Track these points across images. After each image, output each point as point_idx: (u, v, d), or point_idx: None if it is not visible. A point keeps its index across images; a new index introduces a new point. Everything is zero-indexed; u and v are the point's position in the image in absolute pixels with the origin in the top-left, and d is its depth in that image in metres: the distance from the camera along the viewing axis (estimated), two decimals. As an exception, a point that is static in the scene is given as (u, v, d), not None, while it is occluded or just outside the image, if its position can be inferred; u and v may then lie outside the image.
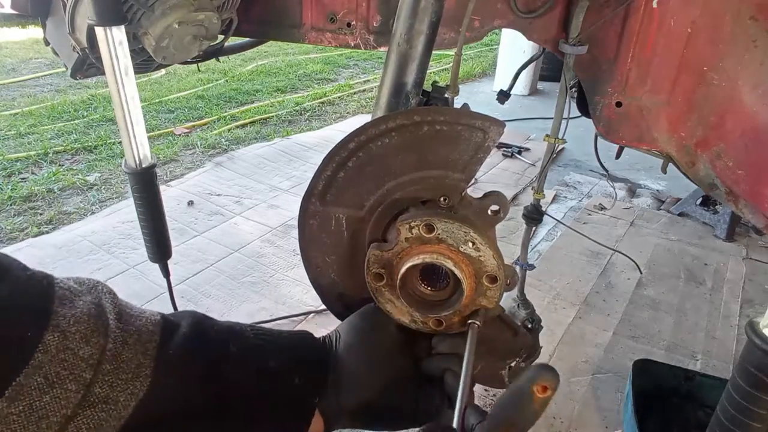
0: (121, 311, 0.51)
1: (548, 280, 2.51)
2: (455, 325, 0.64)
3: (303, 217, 0.66)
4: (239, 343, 0.58)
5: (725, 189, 1.13)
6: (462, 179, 0.61)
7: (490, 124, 0.59)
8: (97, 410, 0.45)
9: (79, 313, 0.47)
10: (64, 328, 0.45)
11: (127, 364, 0.48)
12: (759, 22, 1.03)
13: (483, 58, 6.81)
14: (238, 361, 0.56)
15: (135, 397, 0.48)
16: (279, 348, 0.60)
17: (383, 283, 0.62)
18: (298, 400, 0.59)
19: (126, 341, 0.49)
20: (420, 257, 0.59)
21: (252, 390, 0.56)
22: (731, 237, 2.91)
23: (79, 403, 0.44)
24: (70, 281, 0.51)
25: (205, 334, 0.56)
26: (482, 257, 0.59)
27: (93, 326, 0.47)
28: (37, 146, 3.64)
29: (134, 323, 0.51)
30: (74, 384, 0.44)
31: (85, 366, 0.45)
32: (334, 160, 0.62)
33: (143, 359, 0.49)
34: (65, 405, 0.44)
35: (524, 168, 3.71)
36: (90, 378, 0.45)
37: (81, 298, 0.49)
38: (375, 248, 0.61)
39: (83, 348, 0.45)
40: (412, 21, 0.85)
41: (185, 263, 2.48)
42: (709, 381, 1.70)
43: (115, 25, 1.09)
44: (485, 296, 0.62)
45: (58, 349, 0.44)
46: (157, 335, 0.52)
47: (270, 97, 5.02)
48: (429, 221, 0.58)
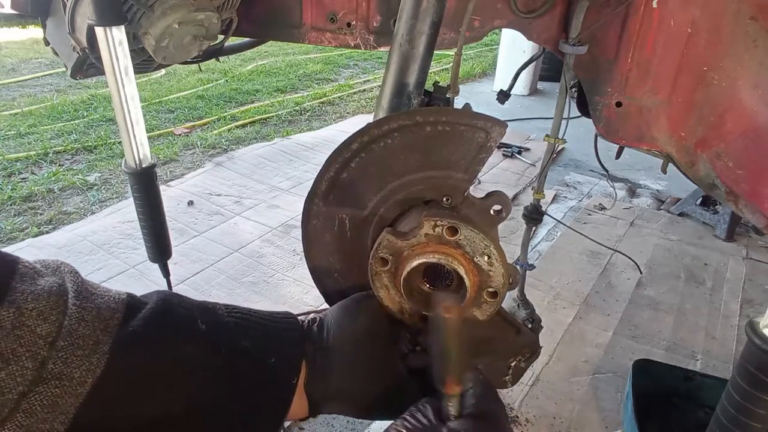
0: (81, 290, 0.50)
1: (548, 280, 2.51)
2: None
3: (306, 218, 0.66)
4: (209, 321, 0.56)
5: (725, 189, 1.13)
6: (465, 179, 0.61)
7: (492, 125, 0.59)
8: (50, 386, 0.44)
9: (39, 290, 0.46)
10: (20, 304, 0.44)
11: (84, 341, 0.47)
12: (759, 22, 1.03)
13: (483, 58, 6.81)
14: (206, 339, 0.54)
15: (92, 373, 0.47)
16: (253, 327, 0.58)
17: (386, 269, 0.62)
18: (273, 381, 0.57)
19: (83, 318, 0.48)
20: (435, 256, 0.59)
21: (221, 370, 0.54)
22: (731, 237, 2.91)
23: (34, 379, 0.44)
24: (36, 263, 0.50)
25: (171, 311, 0.54)
26: (492, 272, 0.60)
27: (52, 304, 0.46)
28: (37, 146, 3.65)
29: (94, 301, 0.50)
30: (31, 361, 0.44)
31: (43, 343, 0.44)
32: (336, 160, 0.62)
33: (102, 336, 0.48)
34: (21, 382, 0.43)
35: (524, 168, 3.71)
36: (46, 355, 0.44)
37: (44, 277, 0.48)
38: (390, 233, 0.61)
39: (41, 325, 0.45)
40: (414, 21, 0.85)
41: (185, 263, 2.48)
42: (709, 381, 1.70)
43: (115, 25, 1.09)
44: (480, 308, 0.63)
45: (14, 325, 0.43)
46: (120, 312, 0.51)
47: (270, 97, 5.02)
48: (455, 225, 0.58)
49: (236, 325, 0.58)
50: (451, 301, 0.51)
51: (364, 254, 0.66)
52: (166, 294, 0.57)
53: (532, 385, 1.90)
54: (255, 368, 0.56)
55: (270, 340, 0.59)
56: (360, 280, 0.68)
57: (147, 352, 0.51)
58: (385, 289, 0.64)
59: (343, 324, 0.64)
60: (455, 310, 0.51)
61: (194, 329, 0.54)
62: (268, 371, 0.57)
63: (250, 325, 0.58)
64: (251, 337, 0.57)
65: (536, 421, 1.75)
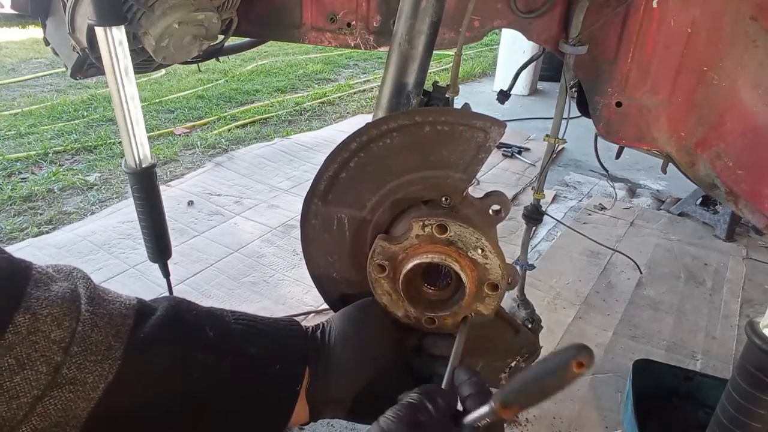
0: (93, 296, 0.51)
1: (548, 280, 2.51)
2: (447, 326, 0.65)
3: (305, 218, 0.66)
4: (217, 328, 0.57)
5: (725, 189, 1.13)
6: (464, 179, 0.61)
7: (491, 125, 0.59)
8: (64, 391, 0.46)
9: (53, 296, 0.47)
10: (35, 310, 0.45)
11: (97, 346, 0.48)
12: (759, 22, 1.03)
13: (483, 58, 6.81)
14: (214, 346, 0.56)
15: (104, 378, 0.48)
16: (260, 334, 0.59)
17: (384, 275, 0.62)
18: (277, 388, 0.58)
19: (96, 324, 0.49)
20: (428, 256, 0.59)
21: (228, 377, 0.55)
22: (731, 237, 2.91)
23: (49, 384, 0.45)
24: (49, 268, 0.51)
25: (180, 318, 0.56)
26: (488, 265, 0.60)
27: (66, 310, 0.47)
28: (37, 146, 3.64)
29: (106, 307, 0.51)
30: (45, 366, 0.45)
31: (57, 348, 0.46)
32: (335, 160, 0.62)
33: (114, 342, 0.49)
34: (36, 386, 0.44)
35: (524, 168, 3.71)
36: (60, 360, 0.46)
37: (57, 283, 0.49)
38: (383, 239, 0.61)
39: (55, 331, 0.46)
40: (413, 21, 0.85)
41: (185, 263, 2.48)
42: (709, 381, 1.70)
43: (115, 25, 1.09)
44: (483, 303, 0.63)
45: (29, 330, 0.44)
46: (131, 318, 0.52)
47: (270, 97, 5.02)
48: (444, 222, 0.58)
49: (243, 332, 0.59)
50: (589, 355, 0.47)
51: (364, 253, 0.66)
52: (175, 301, 0.58)
53: (532, 385, 1.90)
54: (260, 375, 0.57)
55: (275, 348, 0.59)
56: (359, 280, 0.68)
57: (158, 359, 0.52)
58: (387, 296, 0.64)
59: (346, 332, 0.64)
60: (588, 366, 0.47)
61: (203, 336, 0.56)
62: (272, 378, 0.58)
63: (257, 333, 0.59)
64: (257, 345, 0.58)
65: (536, 421, 1.75)
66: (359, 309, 0.67)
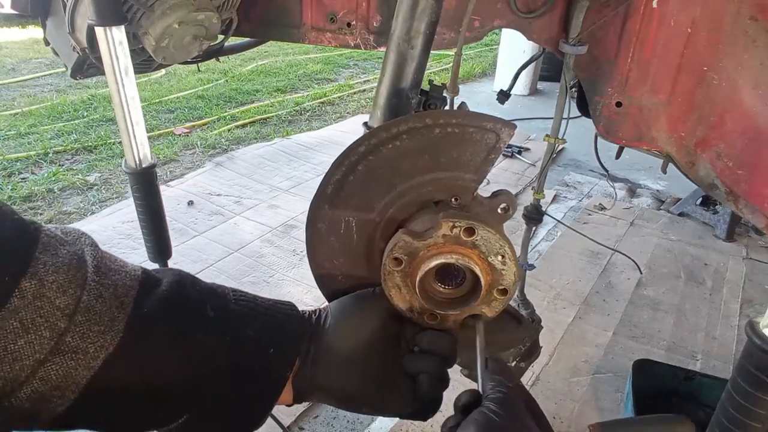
0: (100, 264, 0.52)
1: (548, 280, 2.51)
2: (448, 324, 0.65)
3: (311, 221, 0.67)
4: (218, 306, 0.58)
5: (725, 189, 1.13)
6: (474, 180, 0.62)
7: (502, 126, 0.60)
8: (66, 358, 0.47)
9: (60, 262, 0.48)
10: (42, 276, 0.46)
11: (101, 317, 0.49)
12: (759, 22, 1.03)
13: (483, 58, 6.81)
14: (213, 327, 0.56)
15: (105, 350, 0.49)
16: (258, 317, 0.60)
17: (400, 269, 0.63)
18: (268, 372, 0.59)
19: (101, 294, 0.50)
20: (453, 257, 0.60)
21: (224, 358, 0.56)
22: (731, 237, 2.91)
23: (51, 350, 0.46)
24: (58, 230, 0.52)
25: (184, 294, 0.56)
26: (504, 271, 0.61)
27: (71, 277, 0.48)
28: (37, 146, 3.65)
29: (112, 277, 0.52)
30: (48, 331, 0.46)
31: (61, 315, 0.47)
32: (343, 163, 0.63)
33: (117, 313, 0.50)
34: (39, 350, 0.45)
35: (524, 168, 3.71)
36: (64, 327, 0.47)
37: (65, 247, 0.50)
38: (406, 234, 0.61)
39: (60, 297, 0.47)
40: (411, 21, 0.85)
41: (185, 263, 2.48)
42: (709, 381, 1.70)
43: (115, 25, 1.09)
44: (489, 305, 0.64)
45: (35, 296, 0.45)
46: (135, 290, 0.53)
47: (270, 97, 5.02)
48: (473, 225, 0.59)
49: (242, 314, 0.60)
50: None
51: (370, 257, 0.67)
52: (180, 276, 0.59)
53: (532, 385, 1.90)
54: (254, 358, 0.58)
55: (272, 331, 0.60)
56: (364, 282, 0.69)
57: (158, 336, 0.53)
58: (396, 289, 0.64)
59: (339, 321, 0.65)
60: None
61: (204, 315, 0.57)
62: (265, 362, 0.59)
63: (256, 315, 0.60)
64: (255, 328, 0.59)
65: (536, 421, 1.75)
66: (355, 299, 0.67)
